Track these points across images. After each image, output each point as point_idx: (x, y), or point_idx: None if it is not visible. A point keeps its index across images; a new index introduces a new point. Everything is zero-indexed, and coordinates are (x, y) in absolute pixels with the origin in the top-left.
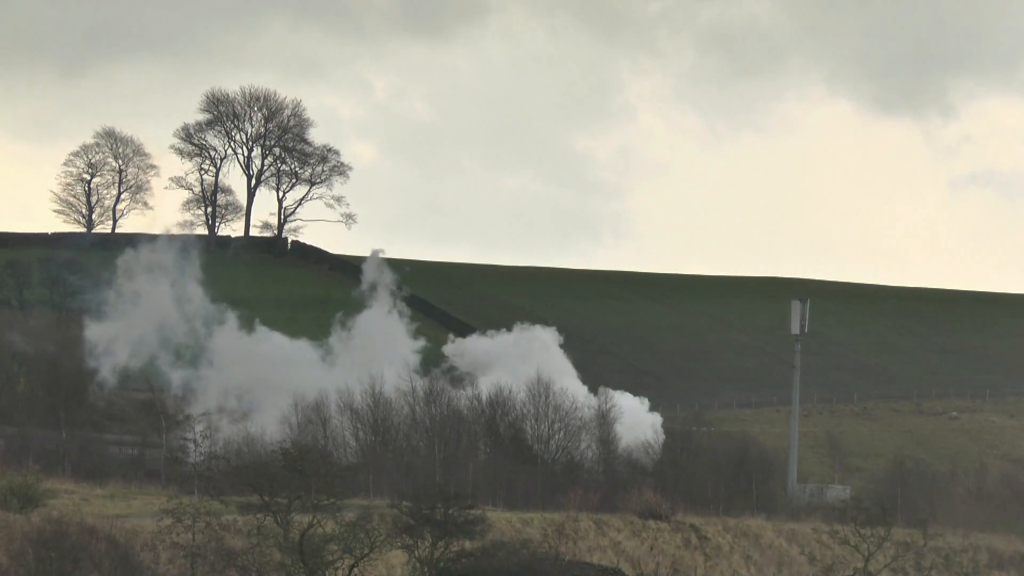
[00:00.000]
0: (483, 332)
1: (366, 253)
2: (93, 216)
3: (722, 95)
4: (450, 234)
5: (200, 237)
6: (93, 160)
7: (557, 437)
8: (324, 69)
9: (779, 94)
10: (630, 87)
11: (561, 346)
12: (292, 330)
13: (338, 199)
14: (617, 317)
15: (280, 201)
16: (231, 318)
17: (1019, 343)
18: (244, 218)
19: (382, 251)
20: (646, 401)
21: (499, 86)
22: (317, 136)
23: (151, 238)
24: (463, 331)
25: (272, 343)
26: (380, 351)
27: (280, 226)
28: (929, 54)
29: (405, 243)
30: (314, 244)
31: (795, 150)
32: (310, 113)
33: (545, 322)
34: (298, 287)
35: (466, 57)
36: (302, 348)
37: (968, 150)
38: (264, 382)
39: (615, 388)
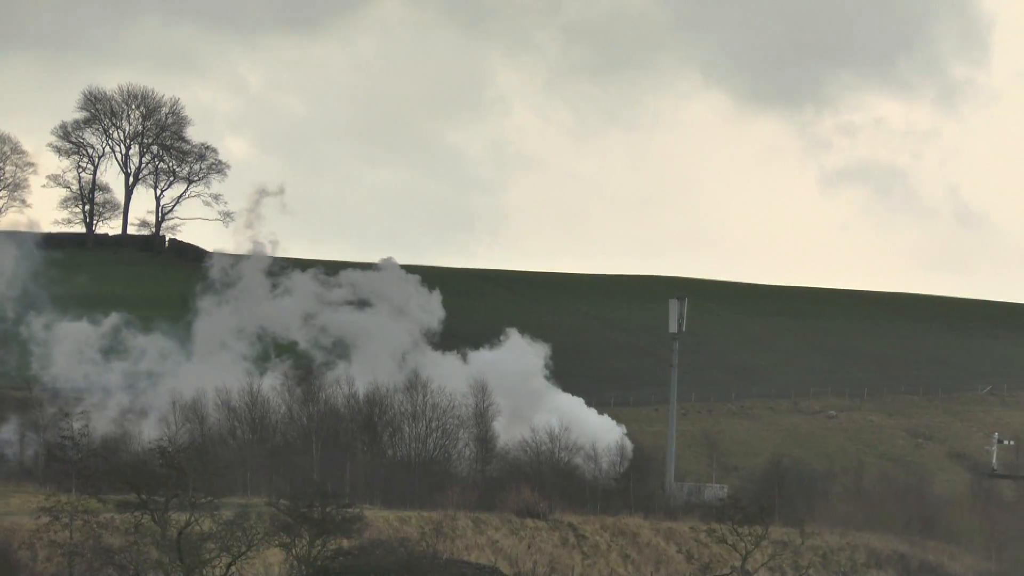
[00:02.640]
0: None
1: (244, 251)
2: None
3: (593, 88)
4: (326, 231)
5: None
6: None
7: (435, 436)
8: (198, 64)
9: (652, 87)
10: (502, 80)
11: (435, 344)
12: (168, 328)
13: (216, 197)
14: (496, 317)
15: (158, 199)
16: (110, 317)
17: (897, 342)
18: (122, 216)
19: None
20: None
21: (372, 80)
22: (194, 133)
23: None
24: None
25: (140, 341)
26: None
27: (158, 224)
28: (805, 47)
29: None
30: (192, 242)
31: (669, 145)
32: (187, 111)
33: None
34: (175, 285)
35: (338, 51)
36: (163, 344)
37: (844, 145)
38: (137, 379)
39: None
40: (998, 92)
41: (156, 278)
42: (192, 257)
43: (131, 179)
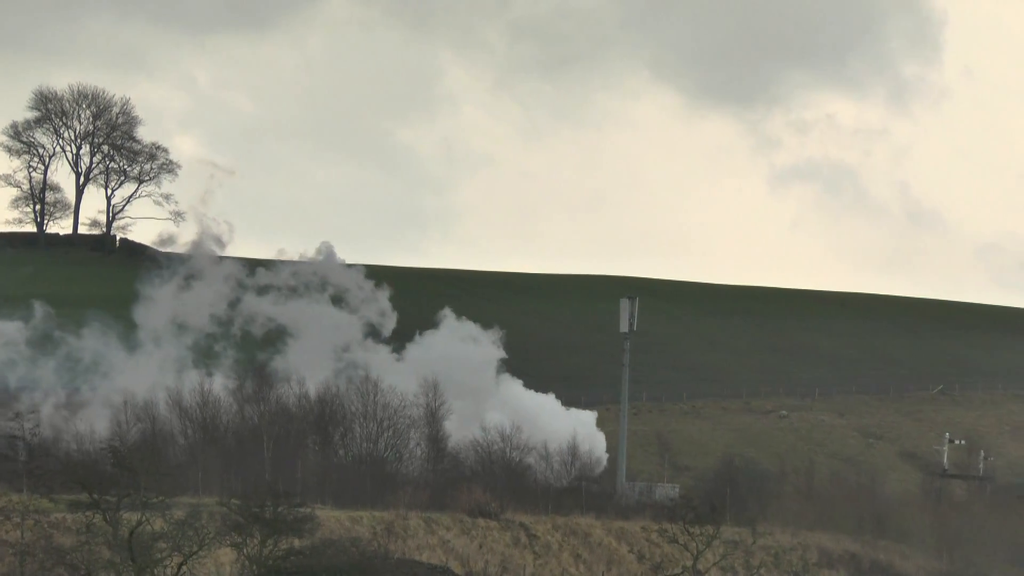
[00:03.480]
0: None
1: (192, 248)
2: None
3: (543, 86)
4: (275, 230)
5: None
6: None
7: (386, 435)
8: (148, 63)
9: (601, 85)
10: (451, 78)
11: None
12: (120, 327)
13: (167, 197)
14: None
15: (109, 199)
16: (42, 313)
17: (848, 342)
18: (73, 216)
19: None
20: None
21: (321, 78)
22: (144, 133)
23: None
24: None
25: (92, 340)
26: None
27: (109, 224)
28: (756, 44)
29: (230, 238)
30: (143, 242)
31: (619, 143)
32: (137, 110)
33: None
34: (126, 284)
35: (288, 50)
36: (101, 341)
37: (794, 143)
38: (75, 376)
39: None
40: (949, 90)
41: (107, 277)
42: (144, 257)
43: (82, 179)
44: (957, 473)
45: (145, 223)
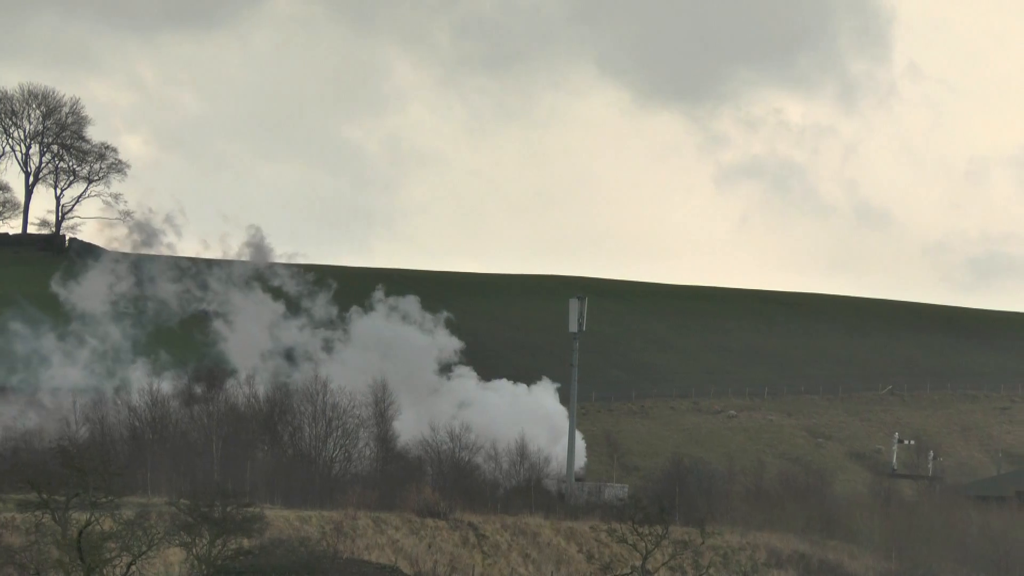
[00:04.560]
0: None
1: (145, 250)
2: None
3: (488, 83)
4: (221, 228)
5: None
6: None
7: (335, 435)
8: (95, 61)
9: (547, 81)
10: (397, 75)
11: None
12: (53, 322)
13: (116, 196)
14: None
15: (58, 199)
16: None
17: (796, 342)
18: (22, 216)
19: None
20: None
21: (267, 76)
22: (92, 131)
23: None
24: None
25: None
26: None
27: (58, 223)
28: (704, 41)
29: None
30: (92, 242)
31: (566, 141)
32: (86, 109)
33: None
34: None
35: (233, 47)
36: (51, 343)
37: (742, 141)
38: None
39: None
40: (897, 88)
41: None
42: (93, 256)
43: (31, 178)
44: (906, 473)
45: (96, 222)
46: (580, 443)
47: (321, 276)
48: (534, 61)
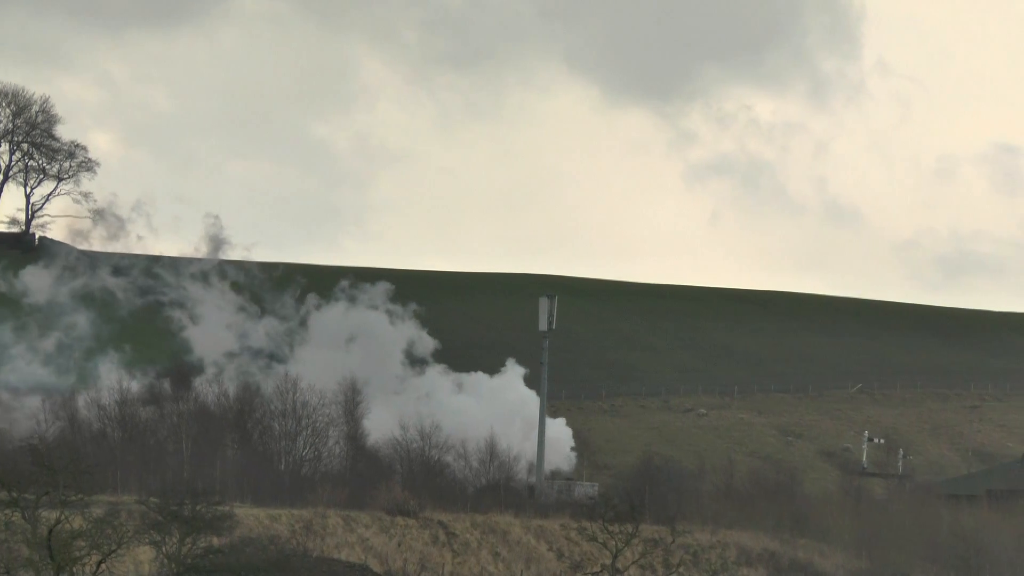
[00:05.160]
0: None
1: (115, 249)
2: None
3: (457, 80)
4: (192, 227)
5: None
6: None
7: (305, 433)
8: (64, 58)
9: (516, 79)
10: (366, 72)
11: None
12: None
13: (85, 195)
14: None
15: (28, 197)
16: None
17: (767, 340)
18: None
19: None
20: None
21: (236, 74)
22: (62, 129)
23: None
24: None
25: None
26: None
27: (28, 222)
28: (674, 37)
29: (153, 236)
30: (62, 240)
31: (535, 138)
32: (56, 108)
33: None
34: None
35: (202, 45)
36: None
37: (712, 138)
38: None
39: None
40: (867, 86)
41: (25, 275)
42: (63, 254)
43: (1, 177)
44: (876, 471)
45: (65, 221)
46: (569, 441)
47: (289, 273)
48: (503, 58)
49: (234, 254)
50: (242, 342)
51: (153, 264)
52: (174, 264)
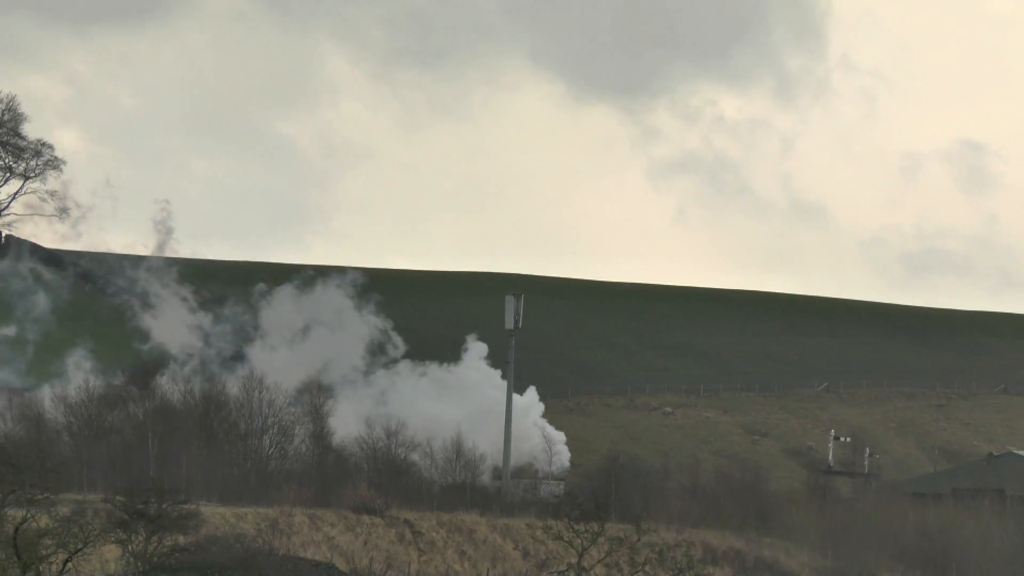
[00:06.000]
0: None
1: (81, 247)
2: None
3: (421, 77)
4: (161, 227)
5: None
6: None
7: (271, 432)
8: (29, 55)
9: (481, 76)
10: (330, 69)
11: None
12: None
13: (52, 193)
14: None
15: None
16: None
17: (733, 339)
18: None
19: None
20: None
21: (201, 71)
22: (28, 127)
23: None
24: None
25: None
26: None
27: None
28: (640, 34)
29: (118, 234)
30: (28, 238)
31: (500, 135)
32: (22, 106)
33: None
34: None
35: (168, 42)
36: None
37: (678, 136)
38: None
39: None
40: (833, 83)
41: None
42: (30, 253)
43: None
44: (842, 470)
45: (32, 219)
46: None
47: (253, 270)
48: (468, 55)
49: (191, 250)
50: (205, 339)
51: (117, 262)
52: (138, 262)
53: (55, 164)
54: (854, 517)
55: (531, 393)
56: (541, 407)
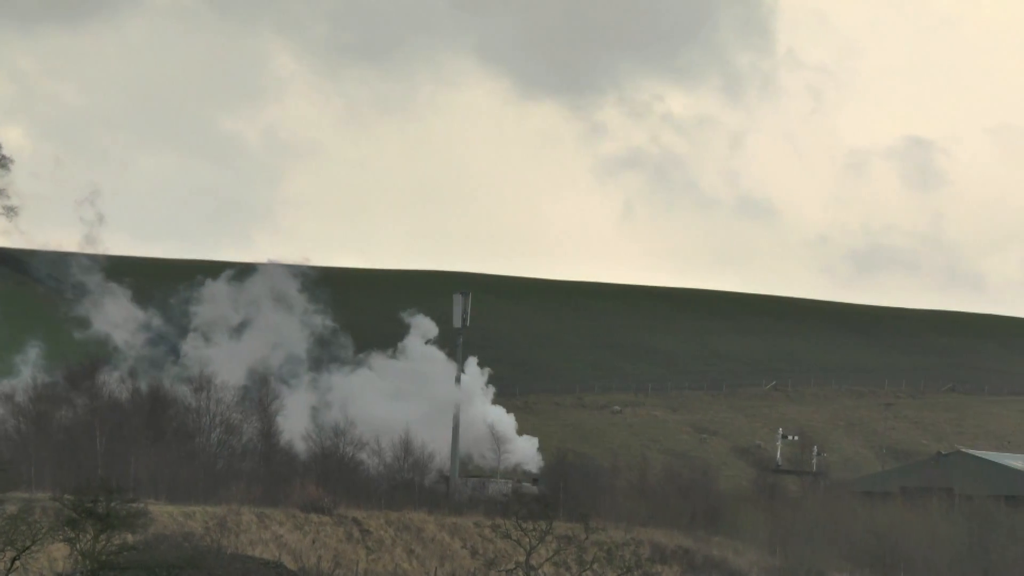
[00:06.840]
0: None
1: (29, 245)
2: None
3: (366, 73)
4: (107, 224)
5: None
6: None
7: (219, 430)
8: None
9: (426, 71)
10: (275, 65)
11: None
12: None
13: None
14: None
15: None
16: None
17: (681, 337)
18: None
19: None
20: None
21: (145, 67)
22: None
23: None
24: None
25: None
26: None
27: None
28: (587, 30)
29: (64, 233)
30: None
31: (446, 131)
32: None
33: None
34: None
35: (111, 38)
36: None
37: (624, 133)
38: None
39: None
40: (779, 80)
41: None
42: None
43: None
44: (790, 469)
45: None
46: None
47: (199, 267)
48: (413, 50)
49: (141, 249)
50: (151, 335)
51: (58, 259)
52: (80, 258)
53: (3, 163)
54: (803, 516)
55: (473, 367)
56: (491, 391)
